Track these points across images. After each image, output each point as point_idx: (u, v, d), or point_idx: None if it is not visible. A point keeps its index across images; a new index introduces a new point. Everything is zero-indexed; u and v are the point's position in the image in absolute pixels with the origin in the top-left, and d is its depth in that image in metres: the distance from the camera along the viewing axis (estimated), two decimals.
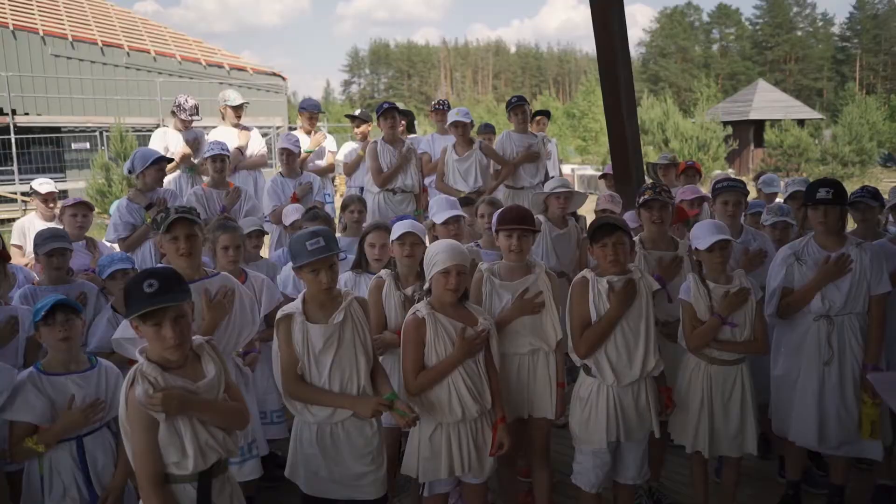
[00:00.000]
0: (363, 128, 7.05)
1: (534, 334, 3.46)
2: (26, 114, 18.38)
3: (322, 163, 7.00)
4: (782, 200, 5.30)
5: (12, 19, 18.75)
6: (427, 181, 6.62)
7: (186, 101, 6.40)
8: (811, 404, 3.65)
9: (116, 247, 5.09)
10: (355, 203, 5.43)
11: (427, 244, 3.60)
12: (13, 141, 17.30)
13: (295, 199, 5.73)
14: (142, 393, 2.32)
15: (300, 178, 5.99)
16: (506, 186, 6.30)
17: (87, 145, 17.96)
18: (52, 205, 5.49)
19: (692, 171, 6.34)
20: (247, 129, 6.65)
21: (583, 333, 3.30)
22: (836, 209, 3.63)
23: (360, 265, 4.03)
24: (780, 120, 27.72)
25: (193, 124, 6.46)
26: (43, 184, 5.73)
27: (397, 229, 3.62)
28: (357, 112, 7.21)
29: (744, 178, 5.64)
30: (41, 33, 18.92)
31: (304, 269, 2.94)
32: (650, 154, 22.68)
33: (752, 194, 5.65)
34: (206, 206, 5.27)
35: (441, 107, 7.28)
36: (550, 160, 8.04)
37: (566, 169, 21.10)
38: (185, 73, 20.13)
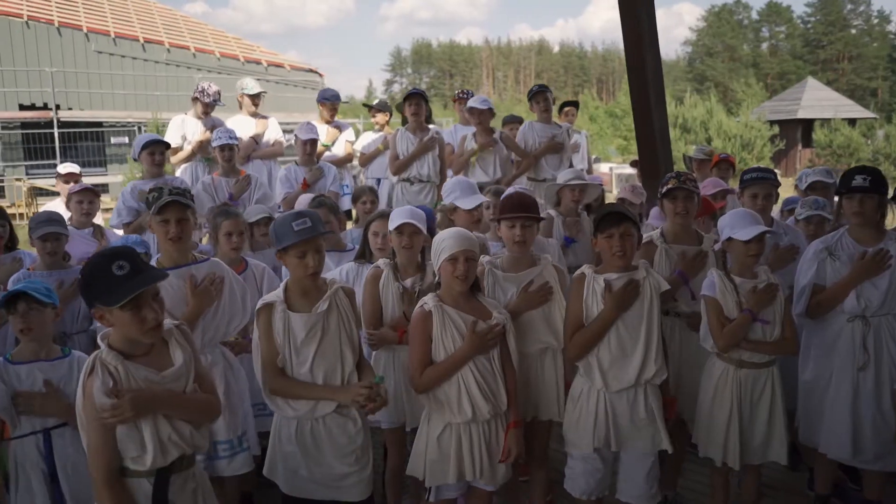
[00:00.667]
0: (380, 117, 6.86)
1: (543, 331, 3.24)
2: (70, 109, 18.79)
3: (340, 152, 6.84)
4: (799, 193, 4.97)
5: (58, 16, 19.19)
6: (450, 173, 6.42)
7: (210, 86, 6.30)
8: (844, 413, 3.34)
9: (120, 232, 5.03)
10: (367, 194, 5.27)
11: (426, 232, 3.41)
12: (56, 135, 17.68)
13: (306, 186, 5.58)
14: (100, 390, 2.16)
15: (314, 166, 5.85)
16: (528, 179, 6.06)
17: (126, 139, 18.24)
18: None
19: (725, 165, 6.00)
20: (264, 117, 6.53)
21: (574, 335, 3.06)
22: (873, 198, 3.32)
23: (364, 255, 3.86)
24: (829, 119, 26.77)
25: (215, 112, 6.37)
26: (67, 166, 5.73)
27: (395, 218, 3.42)
28: (375, 102, 7.04)
29: (790, 180, 5.27)
30: (85, 30, 19.32)
31: (289, 251, 2.77)
32: (691, 153, 22.13)
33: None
34: (214, 194, 5.17)
35: (464, 96, 7.07)
36: (579, 153, 7.77)
37: (604, 168, 20.66)
38: (223, 69, 20.33)
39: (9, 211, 4.57)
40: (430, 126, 6.22)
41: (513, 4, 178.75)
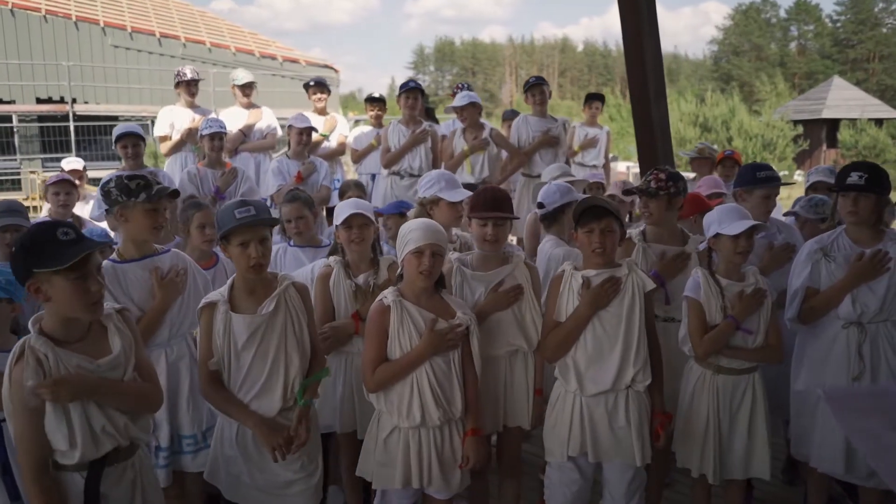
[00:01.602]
0: (376, 110, 6.66)
1: (513, 333, 3.05)
2: (86, 102, 18.86)
3: (332, 144, 6.67)
4: (804, 192, 4.71)
5: (75, 10, 19.28)
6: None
7: (185, 66, 6.25)
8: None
9: (103, 224, 4.91)
10: (353, 189, 5.14)
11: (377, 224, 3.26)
12: (72, 128, 17.76)
13: (299, 180, 5.43)
14: (29, 375, 2.04)
15: (307, 160, 5.69)
16: (522, 174, 5.85)
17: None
18: (78, 183, 5.41)
19: (730, 163, 5.71)
20: (257, 107, 6.39)
21: (548, 334, 2.88)
22: (869, 198, 3.07)
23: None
24: (856, 119, 26.15)
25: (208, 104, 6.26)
26: (70, 162, 5.64)
27: (340, 211, 3.24)
28: (375, 94, 6.84)
29: None
30: (102, 24, 19.39)
31: (231, 241, 2.61)
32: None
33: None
34: (199, 186, 5.04)
35: (461, 89, 6.87)
36: (596, 148, 7.53)
37: (622, 166, 20.34)
38: (238, 63, 20.25)
39: (24, 203, 4.52)
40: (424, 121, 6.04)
41: (537, 2, 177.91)
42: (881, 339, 3.07)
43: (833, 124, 27.42)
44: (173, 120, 6.03)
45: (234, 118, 6.18)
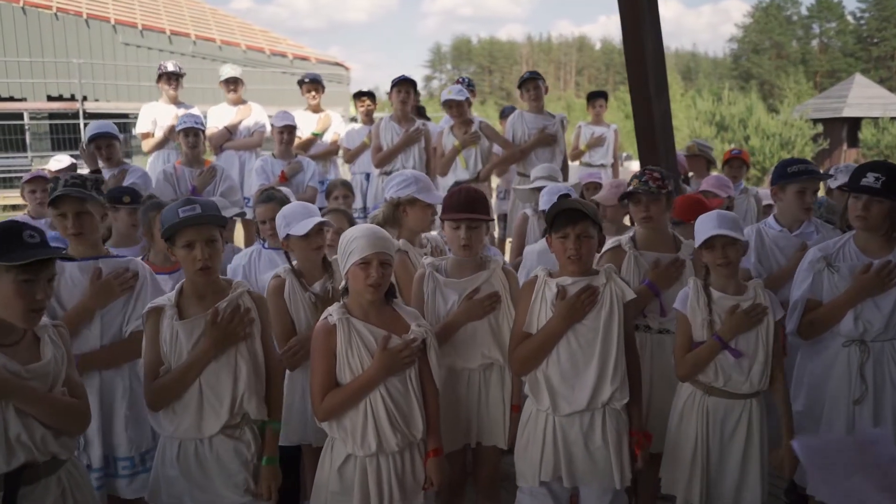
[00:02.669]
0: (367, 106, 6.42)
1: (488, 344, 2.84)
2: (96, 100, 18.84)
3: (326, 142, 6.45)
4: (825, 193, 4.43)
5: (86, 8, 19.27)
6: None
7: (174, 63, 6.06)
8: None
9: None
10: (339, 188, 4.93)
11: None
12: (82, 126, 17.74)
13: (283, 180, 5.24)
14: None
15: (293, 159, 5.50)
16: (518, 174, 5.61)
17: None
18: None
19: (738, 163, 5.44)
20: (246, 104, 6.20)
21: (517, 346, 2.65)
22: (883, 203, 2.78)
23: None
24: (878, 118, 25.52)
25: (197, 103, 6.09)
26: (59, 160, 5.49)
27: (295, 221, 3.08)
28: (364, 89, 6.61)
29: None
30: (112, 21, 19.37)
31: (176, 242, 2.44)
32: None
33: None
34: (175, 185, 4.87)
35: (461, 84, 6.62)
36: (604, 147, 7.28)
37: (635, 165, 20.01)
38: (248, 61, 20.19)
39: None
40: (416, 118, 5.81)
41: (555, 1, 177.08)
42: (886, 360, 2.82)
43: (854, 123, 26.79)
44: (155, 116, 5.87)
45: (221, 115, 6.00)
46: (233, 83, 6.10)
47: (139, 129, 6.06)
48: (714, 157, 5.95)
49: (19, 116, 17.71)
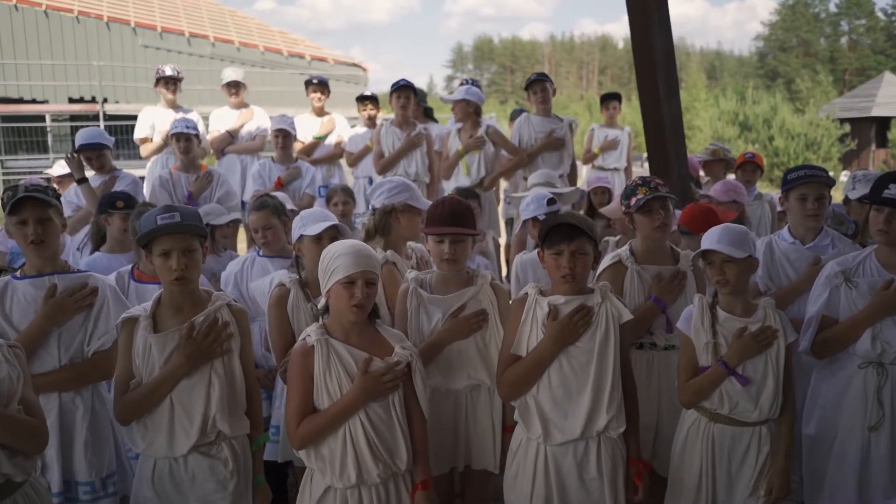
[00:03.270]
0: (370, 110, 6.29)
1: (475, 365, 2.69)
2: (116, 102, 18.97)
3: (331, 145, 6.32)
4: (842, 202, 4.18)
5: (108, 11, 19.43)
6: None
7: (171, 66, 5.96)
8: (849, 479, 2.65)
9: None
10: (339, 194, 4.81)
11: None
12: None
13: (280, 186, 5.11)
14: None
15: (291, 164, 5.38)
16: (524, 179, 5.43)
17: None
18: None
19: (751, 167, 5.22)
20: (248, 107, 6.10)
21: (505, 370, 2.48)
22: None
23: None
24: None
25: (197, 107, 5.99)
26: (63, 166, 5.41)
27: (309, 222, 2.95)
28: (367, 93, 6.48)
29: None
30: (133, 24, 19.50)
31: (152, 250, 2.35)
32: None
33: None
34: (171, 191, 4.76)
35: (466, 84, 6.45)
36: (617, 150, 7.08)
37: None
38: (266, 63, 20.23)
39: None
40: (418, 123, 5.66)
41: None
42: None
43: (883, 123, 26.09)
44: (154, 121, 5.79)
45: (221, 119, 5.91)
46: (234, 87, 6.01)
47: (137, 133, 5.99)
48: (733, 159, 5.72)
49: (41, 118, 17.87)
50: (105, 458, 2.71)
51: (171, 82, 5.90)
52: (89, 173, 4.66)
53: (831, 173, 3.33)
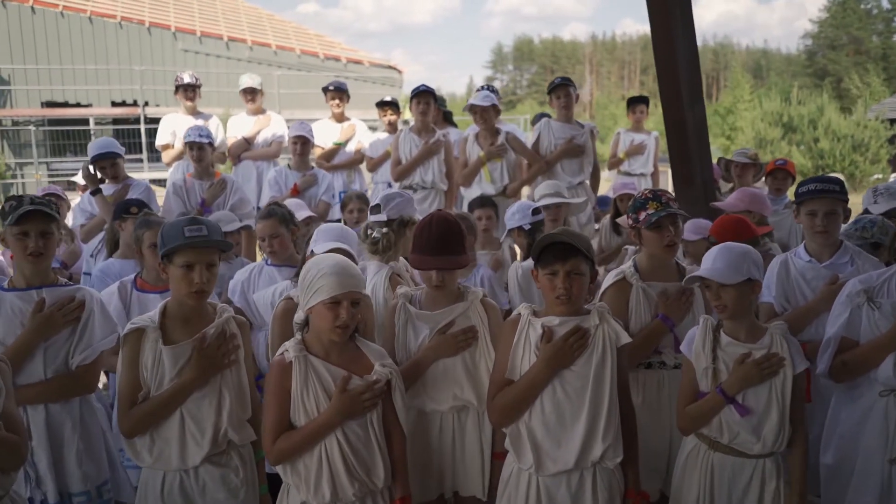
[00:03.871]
0: (390, 115, 6.23)
1: (461, 385, 2.59)
2: (157, 105, 19.36)
3: (349, 150, 6.28)
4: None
5: (149, 17, 19.84)
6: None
7: (190, 74, 6.02)
8: None
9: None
10: (354, 201, 4.77)
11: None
12: (143, 131, 18.24)
13: (296, 192, 5.09)
14: None
15: (308, 171, 5.35)
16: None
17: None
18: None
19: (782, 175, 5.00)
20: (265, 113, 6.10)
21: (496, 394, 2.37)
22: None
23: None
24: None
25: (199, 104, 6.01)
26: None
27: (321, 240, 2.95)
28: (388, 98, 6.42)
29: None
30: (173, 29, 19.87)
31: (174, 261, 2.33)
32: (794, 154, 20.19)
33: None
34: (185, 198, 4.77)
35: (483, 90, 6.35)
36: (644, 155, 6.90)
37: None
38: (303, 66, 20.41)
39: None
40: (438, 129, 5.58)
41: None
42: None
43: None
44: (175, 128, 5.83)
45: (238, 126, 5.92)
46: (251, 93, 6.02)
47: (159, 140, 6.04)
48: (763, 164, 5.49)
49: (85, 122, 18.34)
50: (98, 466, 2.71)
51: (191, 89, 5.94)
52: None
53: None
